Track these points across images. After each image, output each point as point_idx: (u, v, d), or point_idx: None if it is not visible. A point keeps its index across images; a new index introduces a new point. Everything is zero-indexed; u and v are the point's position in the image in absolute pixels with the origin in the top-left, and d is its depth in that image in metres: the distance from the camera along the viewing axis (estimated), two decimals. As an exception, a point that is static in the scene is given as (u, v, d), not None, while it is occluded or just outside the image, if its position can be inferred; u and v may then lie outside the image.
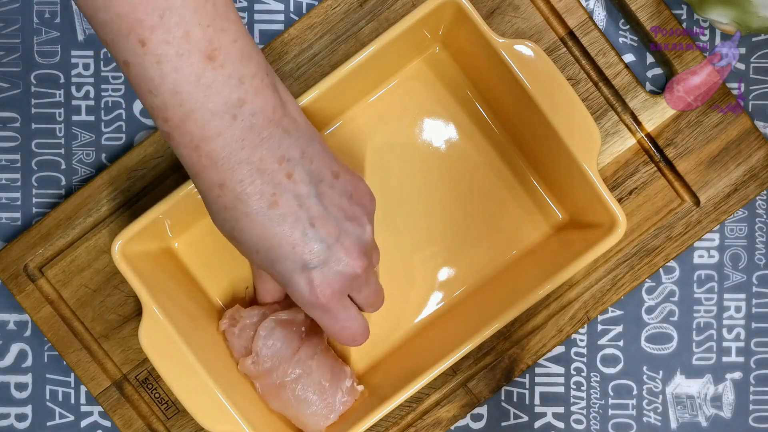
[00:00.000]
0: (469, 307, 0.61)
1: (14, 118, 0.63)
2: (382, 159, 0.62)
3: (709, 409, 0.64)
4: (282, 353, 0.57)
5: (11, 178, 0.64)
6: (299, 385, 0.57)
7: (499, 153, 0.62)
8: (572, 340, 0.64)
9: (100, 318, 0.62)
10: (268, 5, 0.64)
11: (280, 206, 0.47)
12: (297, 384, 0.57)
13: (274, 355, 0.57)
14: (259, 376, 0.58)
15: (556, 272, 0.56)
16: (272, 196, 0.47)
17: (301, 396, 0.57)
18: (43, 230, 0.61)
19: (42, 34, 0.63)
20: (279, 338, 0.57)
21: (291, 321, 0.58)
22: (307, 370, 0.58)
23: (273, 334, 0.57)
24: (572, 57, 0.62)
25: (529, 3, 0.61)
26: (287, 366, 0.57)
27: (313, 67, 0.62)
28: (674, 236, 0.62)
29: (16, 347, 0.64)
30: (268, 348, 0.57)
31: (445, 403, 0.62)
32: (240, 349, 0.58)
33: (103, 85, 0.63)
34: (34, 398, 0.64)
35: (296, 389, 0.57)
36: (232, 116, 0.45)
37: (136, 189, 0.62)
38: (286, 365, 0.57)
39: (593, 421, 0.64)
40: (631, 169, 0.62)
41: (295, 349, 0.58)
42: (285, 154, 0.47)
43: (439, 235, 0.62)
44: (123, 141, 0.64)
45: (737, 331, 0.64)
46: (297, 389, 0.57)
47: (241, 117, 0.45)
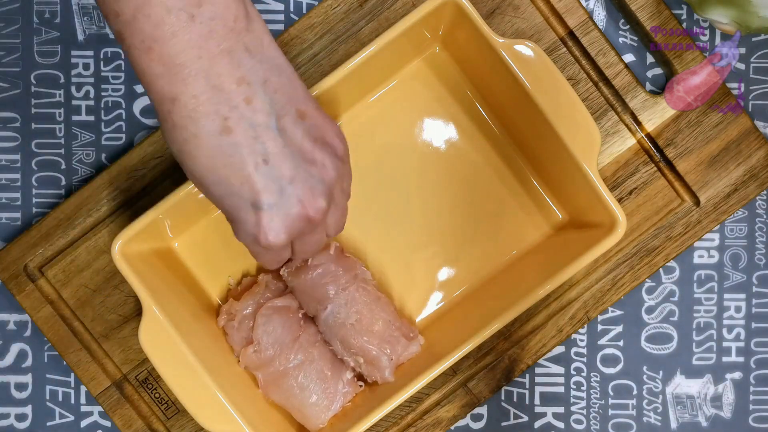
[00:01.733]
0: (469, 307, 0.61)
1: (14, 118, 0.63)
2: (382, 159, 0.62)
3: (709, 409, 0.64)
4: (283, 339, 0.58)
5: (11, 178, 0.64)
6: (301, 373, 0.58)
7: (499, 153, 0.62)
8: (572, 340, 0.64)
9: (100, 318, 0.62)
10: (268, 5, 0.64)
11: (233, 133, 0.43)
12: (299, 371, 0.58)
13: (276, 342, 0.57)
14: (261, 366, 0.58)
15: (556, 272, 0.56)
16: (225, 120, 0.43)
17: (303, 383, 0.58)
18: (43, 230, 0.61)
19: (42, 34, 0.63)
20: (278, 324, 0.58)
21: (287, 307, 0.58)
22: (309, 357, 0.58)
23: (271, 320, 0.58)
24: (572, 57, 0.62)
25: (529, 3, 0.61)
26: (288, 352, 0.58)
27: (313, 67, 0.62)
28: (674, 236, 0.62)
29: (16, 347, 0.64)
30: (269, 335, 0.57)
31: (445, 403, 0.62)
32: (240, 342, 0.58)
33: (103, 85, 0.63)
34: (34, 398, 0.64)
35: (299, 376, 0.58)
36: (190, 16, 0.41)
37: (136, 189, 0.62)
38: (288, 351, 0.58)
39: (593, 421, 0.64)
40: (631, 169, 0.62)
41: (295, 336, 0.58)
42: (245, 76, 0.43)
43: (439, 235, 0.62)
44: (123, 141, 0.64)
45: (737, 331, 0.64)
46: (299, 377, 0.58)
47: (200, 19, 0.41)
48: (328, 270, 0.58)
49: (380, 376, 0.58)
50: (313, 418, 0.58)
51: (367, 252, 0.61)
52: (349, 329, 0.57)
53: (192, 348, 0.55)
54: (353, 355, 0.58)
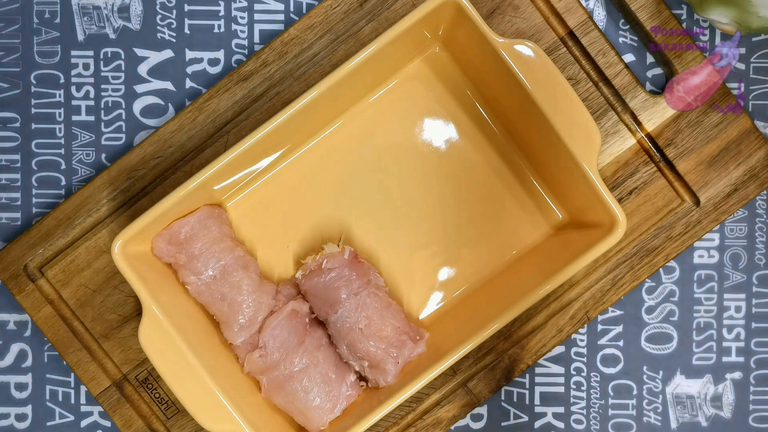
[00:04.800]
0: (469, 307, 0.61)
1: (14, 118, 0.63)
2: (382, 159, 0.62)
3: (709, 409, 0.64)
4: (289, 343, 0.58)
5: (11, 179, 0.64)
6: (306, 376, 0.58)
7: (499, 153, 0.62)
8: (572, 340, 0.64)
9: (100, 318, 0.62)
10: (268, 5, 0.64)
11: None
12: (304, 375, 0.58)
13: (282, 346, 0.57)
14: (267, 370, 0.58)
15: (556, 272, 0.56)
16: None
17: (308, 387, 0.58)
18: (43, 230, 0.61)
19: (42, 34, 0.63)
20: (285, 328, 0.58)
21: (295, 312, 0.58)
22: (314, 361, 0.58)
23: (279, 324, 0.58)
24: (572, 57, 0.62)
25: (529, 3, 0.61)
26: (294, 356, 0.58)
27: (313, 67, 0.62)
28: (674, 236, 0.62)
29: (16, 347, 0.64)
30: (275, 338, 0.57)
31: (445, 403, 0.62)
32: (245, 347, 0.58)
33: (103, 85, 0.63)
34: (34, 398, 0.64)
35: (303, 380, 0.58)
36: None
37: (136, 189, 0.62)
38: (293, 355, 0.58)
39: (593, 421, 0.64)
40: (631, 169, 0.62)
41: (301, 339, 0.58)
42: None
43: (439, 235, 0.62)
44: (123, 141, 0.64)
45: (737, 331, 0.64)
46: (304, 380, 0.58)
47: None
48: (341, 274, 0.58)
49: (384, 380, 0.58)
50: (315, 421, 0.58)
51: (379, 257, 0.61)
52: (357, 333, 0.57)
53: (192, 348, 0.55)
54: (359, 359, 0.58)
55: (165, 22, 0.63)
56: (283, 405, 0.59)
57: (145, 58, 0.64)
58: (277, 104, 0.61)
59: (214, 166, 0.55)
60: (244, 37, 0.64)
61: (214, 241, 0.58)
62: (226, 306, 0.58)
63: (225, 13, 0.64)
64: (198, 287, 0.58)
